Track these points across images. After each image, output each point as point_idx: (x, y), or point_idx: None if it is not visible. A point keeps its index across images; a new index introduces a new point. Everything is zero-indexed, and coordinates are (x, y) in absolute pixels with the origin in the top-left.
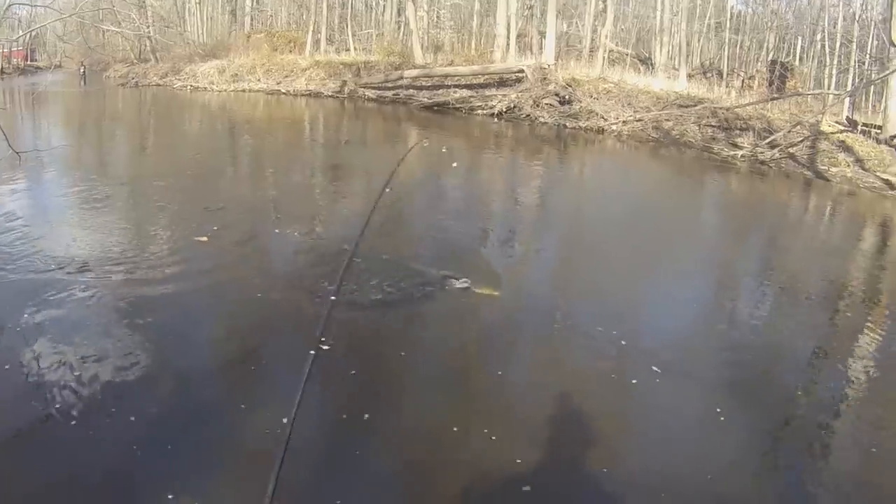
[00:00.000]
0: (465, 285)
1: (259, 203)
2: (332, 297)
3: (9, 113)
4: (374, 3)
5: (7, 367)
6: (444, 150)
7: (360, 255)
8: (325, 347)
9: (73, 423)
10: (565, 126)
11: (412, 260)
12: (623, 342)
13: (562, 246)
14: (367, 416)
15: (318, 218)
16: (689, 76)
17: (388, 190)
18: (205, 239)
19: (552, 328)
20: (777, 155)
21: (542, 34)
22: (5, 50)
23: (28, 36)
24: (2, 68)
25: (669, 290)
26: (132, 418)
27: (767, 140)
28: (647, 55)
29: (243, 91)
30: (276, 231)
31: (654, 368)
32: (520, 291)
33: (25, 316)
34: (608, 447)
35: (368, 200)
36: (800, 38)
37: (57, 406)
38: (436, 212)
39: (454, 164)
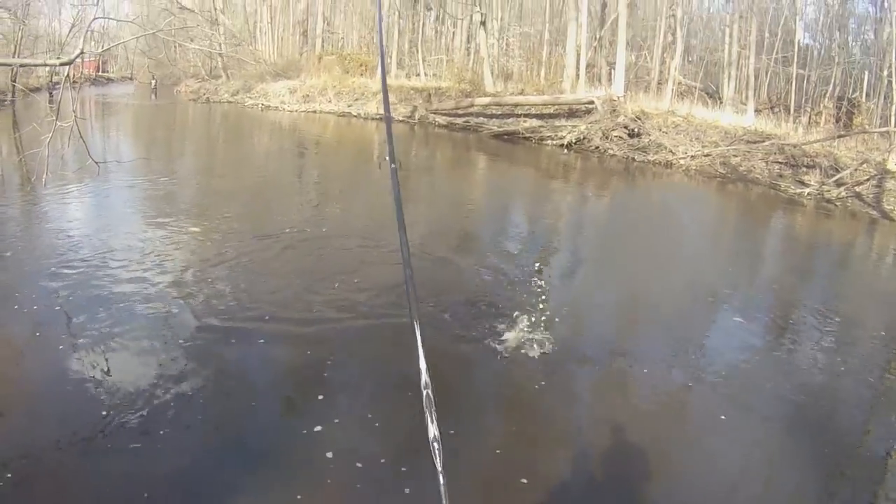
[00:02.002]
0: (526, 323)
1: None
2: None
3: (83, 123)
4: (444, 29)
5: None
6: (511, 179)
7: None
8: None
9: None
10: (633, 159)
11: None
12: (686, 376)
13: (625, 280)
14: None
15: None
16: (757, 111)
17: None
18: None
19: (616, 362)
20: (843, 193)
21: (611, 65)
22: (80, 61)
23: (106, 48)
24: (73, 77)
25: (733, 327)
26: None
27: (834, 178)
28: (715, 88)
29: (314, 112)
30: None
31: (718, 403)
32: (583, 323)
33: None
34: (670, 482)
35: (433, 232)
36: (866, 73)
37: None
38: (502, 239)
39: (523, 195)
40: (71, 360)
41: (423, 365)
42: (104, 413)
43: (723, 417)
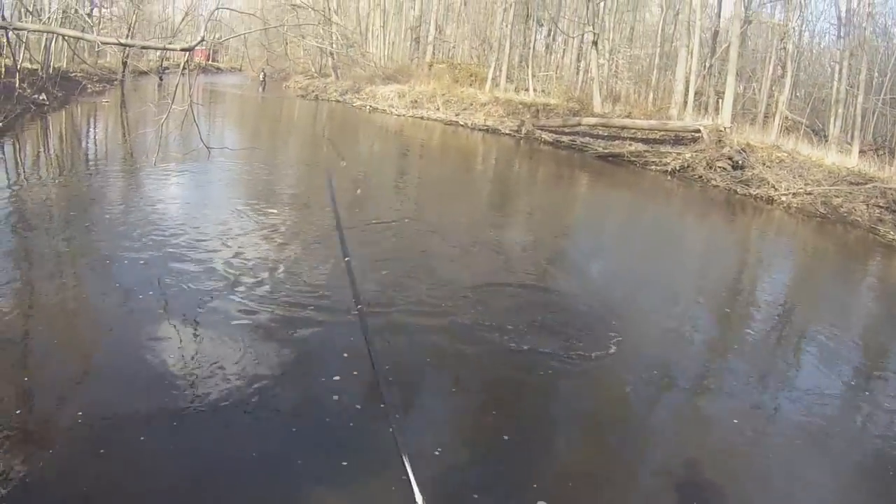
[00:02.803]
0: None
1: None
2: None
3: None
4: (555, 46)
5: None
6: (615, 202)
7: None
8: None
9: None
10: (735, 191)
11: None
12: (765, 408)
13: (714, 313)
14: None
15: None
16: (862, 151)
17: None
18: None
19: (705, 388)
20: None
21: (720, 94)
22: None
23: (224, 38)
24: (185, 65)
25: (818, 370)
26: None
27: None
28: (821, 126)
29: (421, 118)
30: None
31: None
32: (673, 350)
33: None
34: None
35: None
36: None
37: None
38: (595, 262)
39: (624, 220)
40: (161, 332)
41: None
42: (192, 389)
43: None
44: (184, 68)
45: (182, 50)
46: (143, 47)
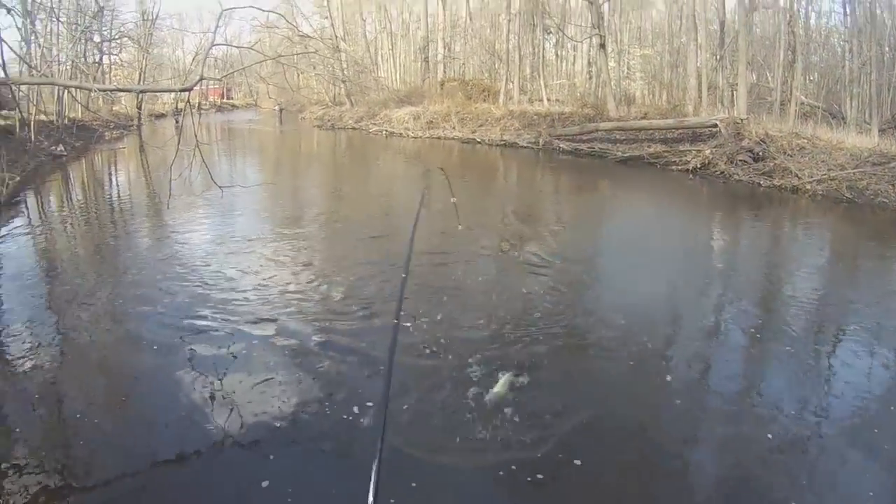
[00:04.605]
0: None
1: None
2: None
3: (210, 148)
4: (564, 54)
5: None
6: (642, 209)
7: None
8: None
9: None
10: (759, 184)
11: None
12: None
13: (747, 316)
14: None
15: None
16: (881, 130)
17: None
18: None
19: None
20: None
21: (733, 86)
22: (204, 88)
23: (225, 74)
24: (198, 104)
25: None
26: None
27: None
28: (837, 108)
29: (438, 138)
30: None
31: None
32: (711, 362)
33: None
34: None
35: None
36: None
37: None
38: (628, 272)
39: (656, 227)
40: (196, 375)
41: None
42: (220, 433)
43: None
44: (186, 109)
45: (181, 90)
46: (143, 91)
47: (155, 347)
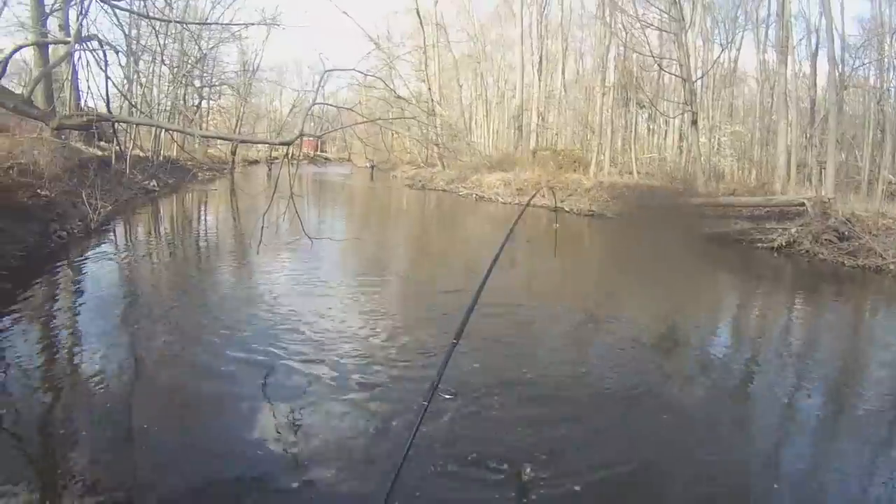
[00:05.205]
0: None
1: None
2: None
3: (302, 199)
4: (656, 128)
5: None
6: (727, 288)
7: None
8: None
9: None
10: (843, 263)
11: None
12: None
13: (822, 399)
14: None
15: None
16: None
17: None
18: None
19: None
20: None
21: (822, 164)
22: (299, 139)
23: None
24: (292, 155)
25: None
26: None
27: None
28: None
29: (529, 206)
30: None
31: None
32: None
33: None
34: None
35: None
36: None
37: None
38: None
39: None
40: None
41: None
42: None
43: None
44: (283, 160)
45: (282, 143)
46: (243, 141)
47: (223, 375)
